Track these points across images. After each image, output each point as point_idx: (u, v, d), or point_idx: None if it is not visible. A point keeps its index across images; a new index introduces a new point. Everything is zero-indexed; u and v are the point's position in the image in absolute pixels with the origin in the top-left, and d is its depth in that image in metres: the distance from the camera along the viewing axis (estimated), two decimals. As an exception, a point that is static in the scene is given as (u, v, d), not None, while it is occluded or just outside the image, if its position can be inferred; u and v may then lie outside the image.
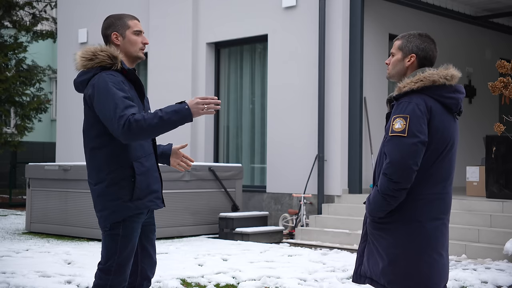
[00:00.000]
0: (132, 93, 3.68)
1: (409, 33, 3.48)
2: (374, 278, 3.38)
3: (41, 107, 18.43)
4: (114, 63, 3.65)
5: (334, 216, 10.18)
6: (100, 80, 3.58)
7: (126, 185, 3.62)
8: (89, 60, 3.66)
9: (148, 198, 3.69)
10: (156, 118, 3.48)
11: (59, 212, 10.38)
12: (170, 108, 3.52)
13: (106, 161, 3.63)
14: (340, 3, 10.65)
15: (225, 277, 6.62)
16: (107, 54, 3.64)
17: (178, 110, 3.51)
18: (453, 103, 3.34)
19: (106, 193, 3.64)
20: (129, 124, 3.46)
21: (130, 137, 3.51)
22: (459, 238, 8.61)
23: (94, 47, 3.69)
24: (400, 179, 3.19)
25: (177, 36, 12.85)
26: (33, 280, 6.32)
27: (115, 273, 3.63)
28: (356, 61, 10.58)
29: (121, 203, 3.62)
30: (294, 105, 11.24)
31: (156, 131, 3.52)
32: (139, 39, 3.77)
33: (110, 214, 3.64)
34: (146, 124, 3.47)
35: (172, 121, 3.51)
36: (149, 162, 3.72)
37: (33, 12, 18.97)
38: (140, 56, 3.79)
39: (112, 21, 3.77)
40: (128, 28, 3.74)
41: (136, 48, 3.75)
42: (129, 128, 3.46)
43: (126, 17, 3.79)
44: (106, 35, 3.76)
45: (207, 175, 10.65)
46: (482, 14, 13.17)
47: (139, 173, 3.64)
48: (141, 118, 3.47)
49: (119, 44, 3.73)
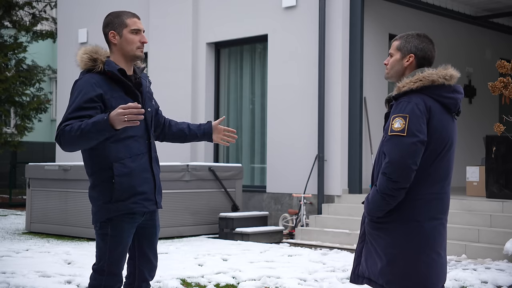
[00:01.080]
0: (117, 93, 3.61)
1: (407, 33, 3.48)
2: (373, 278, 3.38)
3: (41, 107, 18.43)
4: (95, 65, 3.62)
5: (334, 216, 10.17)
6: (76, 83, 3.63)
7: (107, 186, 3.59)
8: (80, 62, 3.69)
9: (131, 200, 3.60)
10: (78, 130, 3.42)
11: (59, 212, 10.38)
12: (93, 119, 3.43)
13: (90, 162, 3.65)
14: (340, 3, 10.65)
15: (225, 277, 6.62)
16: (88, 56, 3.63)
17: (97, 122, 3.40)
18: (452, 103, 3.34)
19: (92, 193, 3.67)
20: (58, 138, 3.50)
21: (62, 146, 3.52)
22: (459, 238, 8.61)
23: (83, 49, 3.69)
24: (399, 178, 3.19)
25: (177, 36, 12.85)
26: (33, 280, 6.32)
27: (108, 273, 3.62)
28: (356, 61, 10.58)
29: (102, 204, 3.61)
30: (294, 105, 11.24)
31: (81, 142, 3.47)
32: (137, 38, 3.69)
33: (95, 213, 3.66)
34: (69, 135, 3.45)
35: (92, 132, 3.41)
36: (136, 163, 3.63)
37: (33, 12, 18.96)
38: (138, 55, 3.71)
39: (110, 19, 3.73)
40: (125, 26, 3.69)
41: (132, 47, 3.68)
42: (59, 141, 3.50)
43: (125, 15, 3.73)
44: (105, 34, 3.74)
45: (207, 175, 10.64)
46: (482, 14, 13.17)
47: (119, 174, 3.57)
48: (68, 129, 3.46)
49: (116, 43, 3.69)
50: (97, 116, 3.44)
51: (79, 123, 3.45)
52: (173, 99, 12.76)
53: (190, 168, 10.36)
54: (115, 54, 3.70)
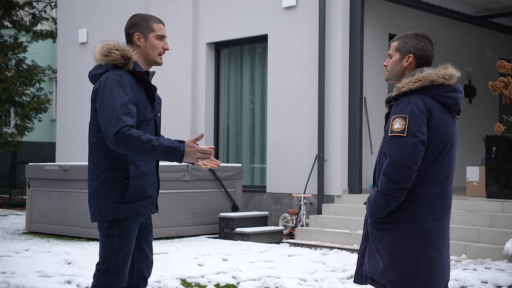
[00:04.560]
0: (141, 95, 3.65)
1: (405, 33, 3.48)
2: (375, 278, 3.37)
3: (41, 107, 18.42)
4: (127, 63, 3.62)
5: (334, 216, 10.17)
6: (108, 78, 3.57)
7: (119, 186, 3.60)
8: (104, 56, 3.65)
9: (140, 202, 3.66)
10: (149, 144, 3.41)
11: (59, 212, 10.38)
12: (168, 142, 3.45)
13: (103, 158, 3.63)
14: (340, 3, 10.65)
15: (225, 277, 6.62)
16: (121, 53, 3.62)
17: (174, 148, 3.44)
18: (452, 102, 3.34)
19: (99, 191, 3.64)
20: (121, 135, 3.42)
21: (116, 146, 3.47)
22: (459, 238, 8.61)
23: (112, 43, 3.66)
24: (400, 179, 3.19)
25: (177, 36, 12.85)
26: (33, 280, 6.32)
27: (112, 274, 3.62)
28: (356, 61, 10.58)
29: (110, 203, 3.61)
30: (294, 105, 11.24)
31: (143, 155, 3.48)
32: (161, 43, 3.73)
33: (100, 212, 3.64)
34: (136, 144, 3.42)
35: (163, 155, 3.45)
36: (147, 166, 3.69)
37: (33, 12, 18.95)
38: (157, 61, 3.75)
39: (137, 21, 3.73)
40: (152, 31, 3.71)
41: (155, 52, 3.72)
42: (120, 138, 3.43)
43: (152, 19, 3.75)
44: (129, 34, 3.73)
45: (207, 175, 10.64)
46: (482, 14, 13.17)
47: (133, 176, 3.61)
48: (136, 135, 3.42)
49: (140, 46, 3.70)
50: (171, 141, 3.46)
51: (149, 136, 3.44)
52: (173, 99, 12.76)
53: (190, 168, 10.36)
54: (137, 56, 3.71)
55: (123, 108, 3.48)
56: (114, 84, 3.53)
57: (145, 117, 3.66)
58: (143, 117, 3.65)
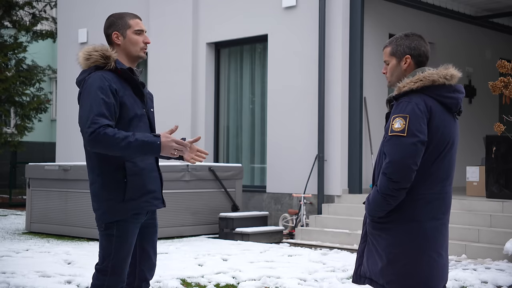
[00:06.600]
0: (127, 92, 3.66)
1: (395, 37, 3.46)
2: (374, 278, 3.37)
3: (41, 107, 18.42)
4: (107, 62, 3.64)
5: (334, 216, 10.17)
6: (89, 80, 3.60)
7: (119, 185, 3.61)
8: (86, 60, 3.68)
9: (143, 198, 3.66)
10: (124, 141, 3.44)
11: (59, 212, 10.38)
12: (143, 137, 3.48)
13: (98, 161, 3.63)
14: (340, 3, 10.65)
15: (225, 277, 6.62)
16: (100, 53, 3.65)
17: (148, 143, 3.48)
18: (452, 102, 3.34)
19: (99, 193, 3.65)
20: (97, 134, 3.44)
21: (93, 146, 3.48)
22: (459, 238, 8.61)
23: (91, 47, 3.69)
24: (399, 178, 3.19)
25: (177, 36, 12.85)
26: (33, 280, 6.32)
27: (111, 274, 3.62)
28: (356, 60, 10.58)
29: (113, 204, 3.61)
30: (294, 105, 11.24)
31: (120, 152, 3.49)
32: (140, 38, 3.75)
33: (103, 214, 3.64)
34: (112, 142, 3.44)
35: (140, 150, 3.49)
36: (144, 162, 3.69)
37: (33, 12, 18.95)
38: (141, 56, 3.77)
39: (113, 20, 3.76)
40: (129, 27, 3.73)
41: (137, 47, 3.74)
42: (96, 138, 3.44)
43: (128, 16, 3.77)
44: (107, 35, 3.76)
45: (207, 175, 10.64)
46: (482, 14, 13.17)
47: (131, 173, 3.62)
48: (111, 134, 3.44)
49: (119, 44, 3.73)
50: (146, 135, 3.50)
51: (125, 133, 3.47)
52: (173, 99, 12.76)
53: (190, 168, 10.36)
54: (119, 54, 3.73)
55: (99, 108, 3.49)
56: (93, 85, 3.56)
57: (135, 114, 3.67)
58: (133, 113, 3.66)
